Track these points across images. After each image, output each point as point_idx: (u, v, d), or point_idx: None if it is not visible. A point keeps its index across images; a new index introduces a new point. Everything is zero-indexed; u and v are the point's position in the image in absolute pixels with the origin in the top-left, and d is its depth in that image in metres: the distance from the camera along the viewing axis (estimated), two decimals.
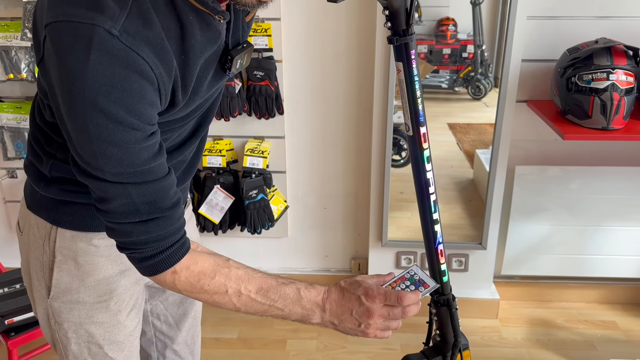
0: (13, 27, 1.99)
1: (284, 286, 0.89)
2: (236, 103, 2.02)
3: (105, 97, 0.69)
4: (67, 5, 0.70)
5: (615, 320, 2.25)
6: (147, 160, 0.77)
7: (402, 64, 0.85)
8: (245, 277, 0.88)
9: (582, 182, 2.12)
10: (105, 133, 0.72)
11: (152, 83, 0.74)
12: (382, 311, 0.90)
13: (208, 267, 0.86)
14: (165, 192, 0.81)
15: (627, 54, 1.73)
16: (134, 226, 0.80)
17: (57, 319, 1.00)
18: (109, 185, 0.77)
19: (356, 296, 0.89)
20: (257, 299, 0.88)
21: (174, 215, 0.82)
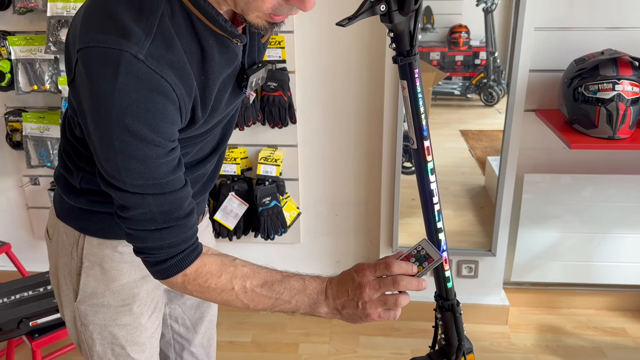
0: (37, 41, 2.08)
1: (289, 278, 0.91)
2: (250, 113, 2.08)
3: (130, 117, 0.75)
4: (98, 32, 0.77)
5: (624, 327, 2.26)
6: (167, 174, 0.83)
7: (407, 82, 0.90)
8: (251, 273, 0.91)
9: (590, 190, 2.15)
10: (130, 149, 0.78)
11: (174, 103, 0.80)
12: (372, 283, 0.88)
13: (215, 268, 0.90)
14: (180, 202, 0.86)
15: (633, 64, 1.76)
16: (150, 233, 0.85)
17: (83, 321, 1.06)
18: (129, 195, 0.82)
19: (350, 275, 0.90)
20: (263, 293, 0.90)
21: (187, 223, 0.88)
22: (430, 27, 2.70)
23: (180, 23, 0.80)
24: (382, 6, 0.83)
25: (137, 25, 0.76)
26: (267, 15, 0.78)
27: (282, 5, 0.77)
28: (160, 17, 0.78)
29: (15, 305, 1.73)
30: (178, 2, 0.79)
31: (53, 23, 1.99)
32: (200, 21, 0.81)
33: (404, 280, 0.89)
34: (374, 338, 2.25)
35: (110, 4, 0.79)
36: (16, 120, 2.23)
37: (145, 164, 0.80)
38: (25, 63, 2.10)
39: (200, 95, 0.85)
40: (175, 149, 0.84)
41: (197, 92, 0.84)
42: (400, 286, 0.88)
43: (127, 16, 0.76)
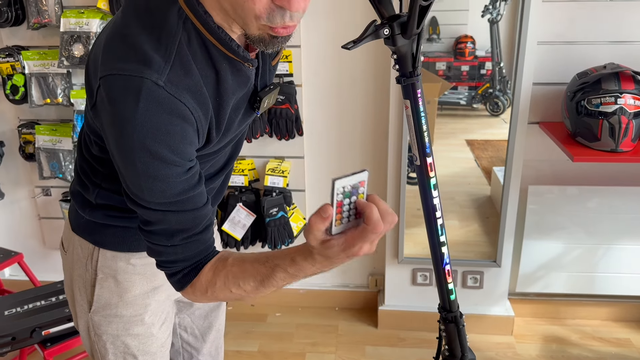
0: (50, 55, 2.13)
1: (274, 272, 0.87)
2: (258, 125, 2.12)
3: (152, 140, 0.79)
4: (119, 61, 0.81)
5: (629, 337, 2.27)
6: (187, 191, 0.86)
7: (409, 101, 0.94)
8: (241, 273, 0.89)
9: (594, 202, 2.16)
10: (151, 169, 0.82)
11: (192, 125, 0.84)
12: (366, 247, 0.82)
13: (209, 275, 0.91)
14: (200, 220, 0.89)
15: (635, 78, 1.78)
16: (166, 248, 0.89)
17: (96, 331, 1.10)
18: (152, 212, 0.86)
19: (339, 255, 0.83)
20: (256, 287, 0.89)
21: (202, 238, 0.91)
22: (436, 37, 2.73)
23: (196, 49, 0.84)
24: (385, 30, 0.87)
25: (157, 53, 0.80)
26: (265, 27, 0.79)
27: (274, 9, 0.77)
28: (178, 44, 0.82)
29: (28, 315, 1.77)
30: (194, 29, 0.83)
31: (66, 38, 2.04)
32: (215, 46, 0.85)
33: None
34: (380, 348, 2.27)
35: (130, 33, 0.83)
36: (29, 132, 2.28)
37: (165, 183, 0.83)
38: (39, 77, 2.15)
39: (215, 116, 0.89)
40: (194, 166, 0.87)
41: (212, 113, 0.88)
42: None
43: (147, 45, 0.80)
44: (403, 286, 2.32)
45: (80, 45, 2.04)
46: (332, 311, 2.49)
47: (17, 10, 2.08)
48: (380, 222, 0.80)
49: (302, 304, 2.52)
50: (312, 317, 2.46)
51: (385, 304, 2.36)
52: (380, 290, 2.44)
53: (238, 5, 0.78)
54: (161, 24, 0.82)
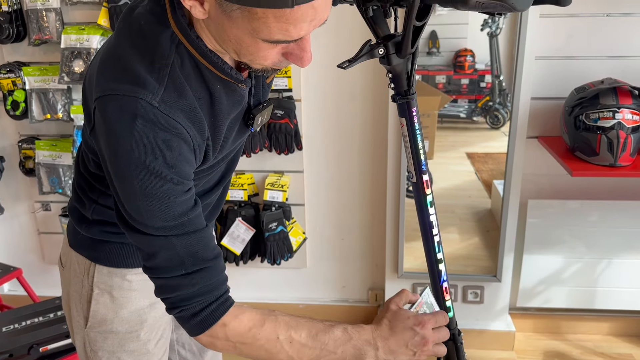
0: (51, 71, 2.15)
1: (331, 327, 0.91)
2: (258, 140, 2.13)
3: (149, 155, 0.80)
4: (113, 82, 0.82)
5: (632, 353, 2.25)
6: (186, 212, 0.86)
7: (405, 119, 0.94)
8: (293, 323, 0.89)
9: (595, 216, 2.16)
10: (149, 187, 0.82)
11: (188, 144, 0.84)
12: (434, 337, 0.95)
13: (256, 317, 0.88)
14: (206, 242, 0.88)
15: (633, 93, 1.79)
16: (181, 279, 0.86)
17: (92, 347, 1.10)
18: (153, 239, 0.85)
19: (409, 328, 0.93)
20: (309, 344, 0.89)
21: (217, 266, 0.88)
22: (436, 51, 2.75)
23: (189, 71, 0.84)
24: (380, 50, 0.87)
25: (150, 75, 0.81)
26: (268, 66, 0.84)
27: (282, 61, 0.82)
28: (171, 67, 0.83)
29: (26, 331, 1.77)
30: (187, 53, 0.84)
31: (66, 54, 2.06)
32: (208, 69, 0.86)
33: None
34: None
35: (124, 56, 0.84)
36: (29, 147, 2.28)
37: (164, 203, 0.83)
38: (39, 92, 2.17)
39: (211, 135, 0.89)
40: (192, 188, 0.87)
41: (208, 133, 0.88)
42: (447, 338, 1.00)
43: (140, 66, 0.81)
44: None
45: (81, 62, 2.06)
46: None
47: (18, 26, 2.09)
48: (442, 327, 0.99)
49: None
50: None
51: None
52: (380, 305, 2.43)
53: (246, 53, 0.80)
54: (154, 47, 0.83)
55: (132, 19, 0.86)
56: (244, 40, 0.77)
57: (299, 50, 0.80)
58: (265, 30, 0.74)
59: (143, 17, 0.84)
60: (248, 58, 0.82)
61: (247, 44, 0.78)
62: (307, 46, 0.80)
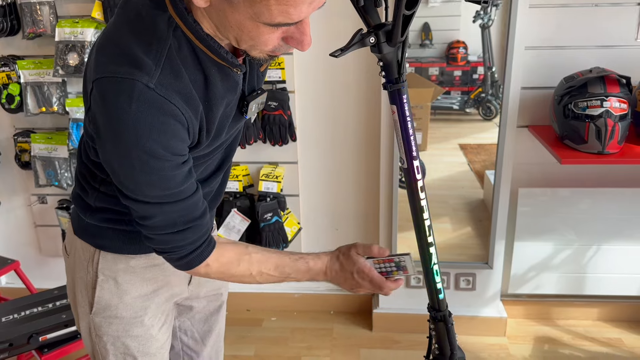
0: (46, 65, 2.16)
1: (295, 262, 1.08)
2: (252, 132, 2.15)
3: (145, 138, 0.83)
4: (111, 64, 0.84)
5: (621, 337, 2.30)
6: (180, 183, 0.91)
7: (396, 107, 0.97)
8: (264, 258, 1.06)
9: (584, 203, 2.20)
10: (147, 166, 0.86)
11: (183, 124, 0.87)
12: (367, 286, 1.11)
13: (233, 257, 1.04)
14: (195, 205, 0.96)
15: (620, 82, 1.82)
16: (172, 236, 0.95)
17: (97, 333, 1.13)
18: (150, 206, 0.91)
19: (350, 272, 1.09)
20: (275, 275, 1.07)
21: (203, 222, 0.98)
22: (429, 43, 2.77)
23: (186, 55, 0.87)
24: (371, 38, 0.90)
25: (147, 57, 0.83)
26: (268, 52, 0.87)
27: (282, 45, 0.85)
28: (168, 49, 0.85)
29: (25, 321, 1.79)
30: (184, 37, 0.87)
31: (61, 47, 2.07)
32: (204, 53, 0.88)
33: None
34: (374, 351, 2.29)
35: (122, 39, 0.86)
36: (25, 141, 2.30)
37: (161, 178, 0.88)
38: (34, 86, 2.18)
39: (205, 118, 0.92)
40: (187, 161, 0.92)
41: (202, 115, 0.91)
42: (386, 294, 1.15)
43: (138, 49, 0.84)
44: (397, 289, 2.34)
45: (75, 55, 2.07)
46: (327, 315, 2.51)
47: (12, 20, 2.10)
48: (385, 283, 1.12)
49: (297, 308, 2.54)
50: (307, 321, 2.48)
51: (380, 307, 2.38)
52: (375, 294, 2.46)
53: (247, 39, 0.83)
54: (152, 30, 0.85)
55: (130, 4, 0.88)
56: (245, 26, 0.80)
57: (299, 34, 0.82)
58: (267, 13, 0.76)
59: (141, 2, 0.87)
60: (249, 44, 0.84)
61: (248, 29, 0.80)
62: (306, 29, 0.83)
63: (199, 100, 0.89)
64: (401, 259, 1.07)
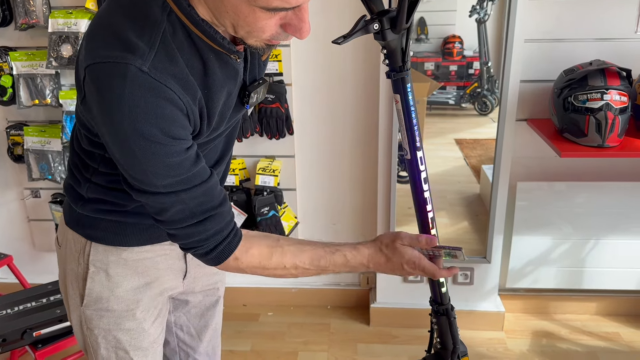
0: (39, 56, 2.12)
1: (331, 254, 1.03)
2: (248, 125, 2.13)
3: (142, 123, 0.80)
4: (103, 49, 0.82)
5: (618, 332, 2.30)
6: (189, 169, 0.88)
7: (400, 95, 0.95)
8: (298, 252, 1.01)
9: (583, 197, 2.19)
10: (149, 152, 0.83)
11: (181, 109, 0.85)
12: (418, 274, 1.06)
13: (265, 250, 0.99)
14: (212, 191, 0.92)
15: (621, 74, 1.81)
16: (193, 228, 0.91)
17: (88, 325, 1.10)
18: (163, 196, 0.88)
19: (400, 264, 1.04)
20: (311, 268, 1.02)
21: (224, 210, 0.94)
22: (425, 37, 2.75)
23: (181, 40, 0.84)
24: (375, 25, 0.88)
25: (141, 40, 0.81)
26: (265, 40, 0.84)
27: (280, 33, 0.82)
28: (162, 34, 0.82)
29: (18, 316, 1.76)
30: (179, 22, 0.84)
31: (54, 39, 2.04)
32: (200, 38, 0.86)
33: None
34: (372, 346, 2.28)
35: (114, 23, 0.83)
36: (17, 134, 2.26)
37: (167, 163, 0.85)
38: (27, 78, 2.14)
39: (205, 106, 0.90)
40: (192, 146, 0.88)
41: (202, 102, 0.89)
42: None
43: (131, 32, 0.81)
44: (394, 284, 2.33)
45: (69, 46, 2.04)
46: (324, 310, 2.50)
47: (4, 11, 2.07)
48: (438, 272, 1.05)
49: (294, 303, 2.52)
50: (304, 316, 2.47)
51: (377, 302, 2.37)
52: (372, 288, 2.45)
53: (243, 24, 0.80)
54: (145, 14, 0.83)
55: None
56: (241, 10, 0.77)
57: (297, 20, 0.80)
58: None
59: None
60: (245, 30, 0.82)
61: (244, 13, 0.78)
62: (305, 16, 0.80)
63: (197, 87, 0.87)
64: (453, 253, 1.02)
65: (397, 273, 1.06)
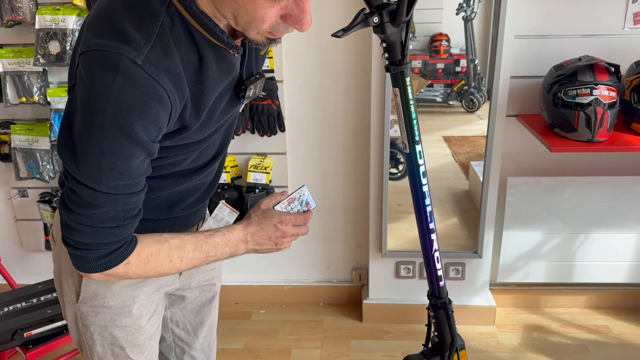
0: (26, 53, 2.09)
1: (212, 237, 1.03)
2: (240, 122, 2.12)
3: (124, 117, 0.79)
4: (99, 37, 0.81)
5: (607, 324, 2.33)
6: (142, 174, 0.88)
7: (399, 89, 0.95)
8: (181, 243, 1.00)
9: (572, 192, 2.22)
10: (118, 147, 0.81)
11: (166, 108, 0.83)
12: (293, 231, 1.08)
13: (153, 249, 0.97)
14: (141, 201, 0.91)
15: (609, 70, 1.83)
16: (110, 230, 0.89)
17: (84, 322, 1.09)
18: (101, 195, 0.85)
19: (272, 225, 1.06)
20: (196, 256, 1.01)
21: (137, 220, 0.93)
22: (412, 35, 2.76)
23: (179, 33, 0.84)
24: (375, 18, 0.88)
25: (138, 32, 0.80)
26: (266, 32, 0.83)
27: (280, 24, 0.82)
28: (160, 26, 0.82)
29: (8, 317, 1.73)
30: (178, 14, 0.83)
31: (41, 35, 2.01)
32: (199, 32, 0.85)
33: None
34: (365, 342, 2.28)
35: (112, 14, 0.83)
36: (4, 132, 2.23)
37: (128, 165, 0.83)
38: (14, 75, 2.11)
39: (194, 102, 0.88)
40: (154, 152, 0.87)
41: (188, 99, 0.87)
42: (307, 233, 1.12)
43: (129, 24, 0.80)
44: (387, 280, 2.34)
45: (57, 43, 2.01)
46: (317, 307, 2.50)
47: None
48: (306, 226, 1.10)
49: (287, 301, 2.52)
50: (297, 313, 2.46)
51: (370, 298, 2.38)
52: (364, 285, 2.46)
53: (243, 14, 0.80)
54: (144, 6, 0.82)
55: None
56: None
57: (299, 11, 0.79)
58: None
59: None
60: (245, 20, 0.81)
61: (244, 1, 0.77)
62: (306, 7, 0.80)
63: (190, 82, 0.86)
64: (300, 193, 1.08)
65: (272, 241, 1.06)
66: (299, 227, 1.09)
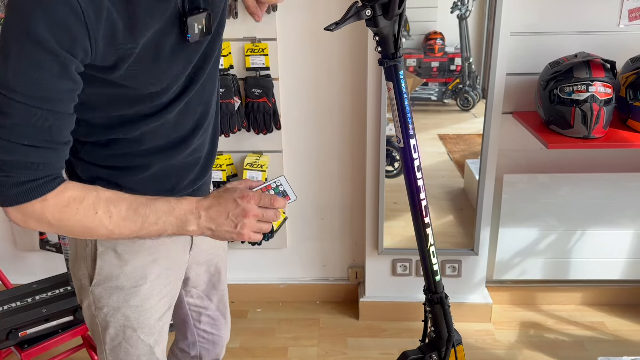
0: None
1: (154, 201, 0.90)
2: (235, 120, 2.11)
3: (28, 13, 0.75)
4: None
5: (603, 321, 2.33)
6: (61, 92, 0.81)
7: (392, 83, 0.95)
8: (115, 197, 0.88)
9: (568, 189, 2.22)
10: (25, 51, 0.77)
11: (79, 18, 0.78)
12: (256, 211, 0.92)
13: (77, 193, 0.86)
14: (65, 127, 0.84)
15: (605, 66, 1.83)
16: (25, 149, 0.81)
17: (97, 305, 1.10)
18: (10, 101, 0.79)
19: (232, 199, 0.91)
20: (129, 217, 0.88)
21: (63, 152, 0.86)
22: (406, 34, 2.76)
23: None
24: (367, 11, 0.88)
25: None
26: None
27: None
28: None
29: (3, 317, 1.72)
30: None
31: None
32: None
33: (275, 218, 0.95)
34: (361, 339, 2.28)
35: None
36: None
37: (40, 76, 0.78)
38: None
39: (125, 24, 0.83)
40: (70, 67, 0.81)
41: (116, 19, 0.82)
42: (276, 219, 0.95)
43: None
44: (383, 277, 2.34)
45: None
46: (313, 305, 2.49)
47: None
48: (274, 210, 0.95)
49: (283, 299, 2.51)
50: (293, 311, 2.46)
51: (366, 296, 2.37)
52: (361, 282, 2.45)
53: None
54: None
55: None
56: None
57: None
58: None
59: None
60: None
61: None
62: None
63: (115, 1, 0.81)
64: (277, 182, 0.96)
65: (230, 221, 0.91)
66: (265, 209, 0.93)
